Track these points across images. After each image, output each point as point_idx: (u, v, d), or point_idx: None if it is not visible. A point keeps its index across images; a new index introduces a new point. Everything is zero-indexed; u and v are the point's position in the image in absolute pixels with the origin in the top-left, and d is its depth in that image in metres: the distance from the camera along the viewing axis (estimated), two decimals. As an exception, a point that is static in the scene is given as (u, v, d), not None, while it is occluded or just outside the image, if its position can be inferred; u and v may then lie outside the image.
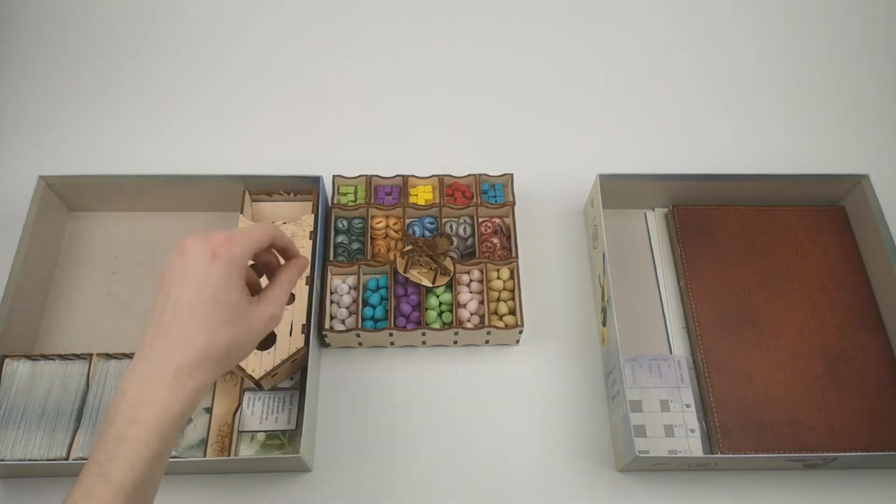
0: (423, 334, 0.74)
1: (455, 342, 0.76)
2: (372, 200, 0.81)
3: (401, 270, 0.74)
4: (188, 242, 0.48)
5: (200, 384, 0.46)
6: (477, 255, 0.77)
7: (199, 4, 1.02)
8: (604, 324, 0.75)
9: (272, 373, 0.68)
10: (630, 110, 0.95)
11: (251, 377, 0.67)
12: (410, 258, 0.74)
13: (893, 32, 1.02)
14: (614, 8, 1.04)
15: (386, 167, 0.83)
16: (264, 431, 0.69)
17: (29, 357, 0.69)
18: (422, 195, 0.81)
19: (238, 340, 0.48)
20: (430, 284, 0.74)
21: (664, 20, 1.03)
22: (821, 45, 1.01)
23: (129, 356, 0.69)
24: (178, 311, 0.46)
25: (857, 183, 0.80)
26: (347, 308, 0.75)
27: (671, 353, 0.76)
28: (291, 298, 0.65)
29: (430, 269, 0.74)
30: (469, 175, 0.82)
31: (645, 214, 0.84)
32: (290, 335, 0.70)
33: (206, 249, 0.47)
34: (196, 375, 0.46)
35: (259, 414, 0.70)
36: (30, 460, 0.64)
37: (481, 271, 0.77)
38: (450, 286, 0.76)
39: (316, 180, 0.79)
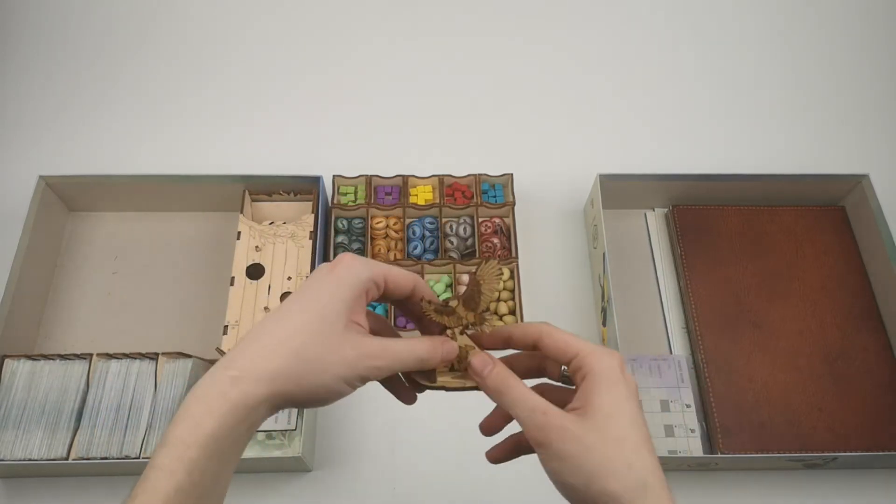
0: (423, 334, 0.73)
1: (455, 342, 0.76)
2: (372, 200, 0.81)
3: (426, 382, 0.45)
4: (322, 263, 0.44)
5: (245, 396, 0.36)
6: (477, 255, 0.77)
7: (199, 4, 1.02)
8: (604, 324, 0.75)
9: (272, 373, 0.68)
10: (630, 110, 0.95)
11: (251, 377, 0.67)
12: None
13: (893, 32, 1.02)
14: (614, 8, 1.04)
15: (386, 167, 0.83)
16: (264, 431, 0.69)
17: (29, 357, 0.69)
18: (422, 195, 0.81)
19: (313, 361, 0.37)
20: (471, 385, 0.44)
21: (664, 20, 1.03)
22: (821, 46, 1.01)
23: (129, 356, 0.69)
24: (268, 316, 0.39)
25: (857, 183, 0.80)
26: (347, 308, 0.75)
27: (671, 353, 0.76)
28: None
29: (465, 362, 0.43)
30: (469, 175, 0.82)
31: (645, 214, 0.84)
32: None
33: (329, 264, 0.41)
34: (241, 384, 0.36)
35: (259, 414, 0.69)
36: (30, 460, 0.64)
37: (481, 271, 0.77)
38: (450, 286, 0.76)
39: (316, 180, 0.79)
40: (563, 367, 0.42)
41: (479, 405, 0.74)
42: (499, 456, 0.45)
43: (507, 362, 0.43)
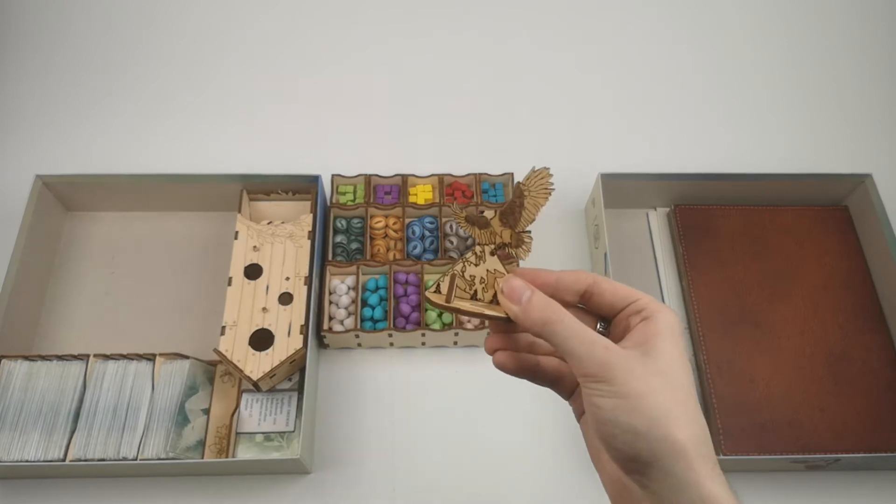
0: (423, 335, 0.73)
1: (455, 343, 0.75)
2: (371, 200, 0.80)
3: (437, 300, 0.40)
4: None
5: None
6: (477, 255, 0.77)
7: (198, 4, 1.01)
8: (605, 324, 0.74)
9: (270, 374, 0.68)
10: (631, 110, 0.94)
11: (249, 378, 0.67)
12: (462, 271, 0.40)
13: (894, 32, 1.02)
14: (615, 8, 1.03)
15: (385, 166, 0.83)
16: (262, 433, 0.68)
17: (26, 357, 0.69)
18: (421, 195, 0.81)
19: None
20: (499, 315, 0.39)
21: (665, 20, 1.03)
22: (823, 45, 1.01)
23: (127, 357, 0.69)
24: None
25: (860, 183, 0.79)
26: (346, 308, 0.75)
27: (672, 353, 0.75)
28: None
29: (492, 284, 0.39)
30: (469, 174, 0.82)
31: (647, 214, 0.84)
32: (289, 336, 0.69)
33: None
34: None
35: (257, 415, 0.69)
36: (26, 461, 0.64)
37: (481, 271, 0.76)
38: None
39: (314, 179, 0.78)
40: (598, 324, 0.40)
41: (478, 407, 0.73)
42: (508, 366, 0.41)
43: None
